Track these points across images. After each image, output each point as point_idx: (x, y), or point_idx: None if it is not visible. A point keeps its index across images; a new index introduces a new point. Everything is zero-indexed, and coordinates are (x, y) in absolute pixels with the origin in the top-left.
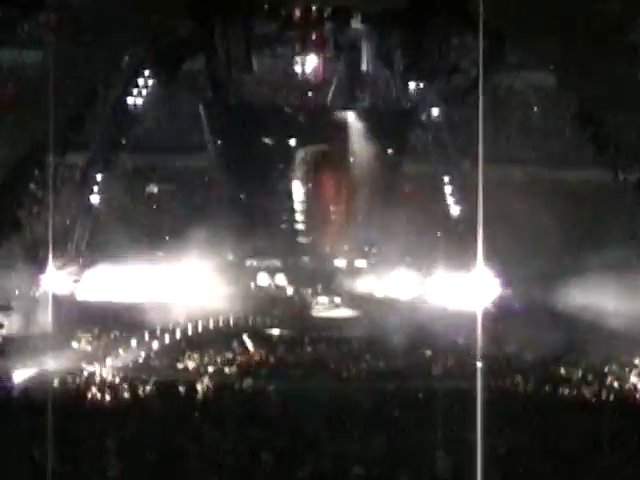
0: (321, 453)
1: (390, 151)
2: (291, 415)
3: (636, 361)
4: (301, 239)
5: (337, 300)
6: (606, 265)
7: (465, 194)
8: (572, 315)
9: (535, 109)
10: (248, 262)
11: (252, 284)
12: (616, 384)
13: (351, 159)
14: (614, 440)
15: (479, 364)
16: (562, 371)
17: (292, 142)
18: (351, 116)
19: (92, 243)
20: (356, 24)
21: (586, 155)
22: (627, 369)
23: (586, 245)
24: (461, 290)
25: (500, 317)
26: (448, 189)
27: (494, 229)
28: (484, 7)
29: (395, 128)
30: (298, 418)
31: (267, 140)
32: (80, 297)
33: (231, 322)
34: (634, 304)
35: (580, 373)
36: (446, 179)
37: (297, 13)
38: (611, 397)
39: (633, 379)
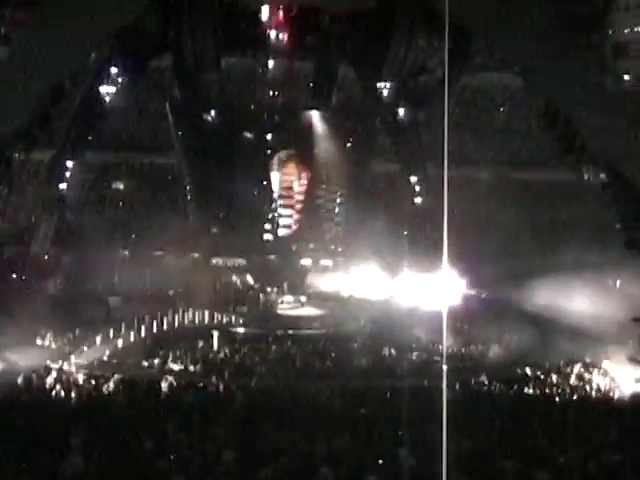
0: (287, 450)
1: (357, 150)
2: (256, 412)
3: (600, 361)
4: (267, 238)
5: (302, 298)
6: (571, 264)
7: (432, 193)
8: (537, 314)
9: (502, 110)
10: (214, 260)
11: (218, 282)
12: (580, 383)
13: (318, 159)
14: (577, 437)
15: (444, 364)
16: (527, 371)
17: (259, 141)
18: (319, 115)
19: (58, 239)
20: (324, 25)
21: (552, 155)
22: (591, 369)
23: (551, 244)
24: (427, 289)
25: (466, 316)
26: (416, 188)
27: (461, 228)
28: (450, 9)
29: (363, 128)
30: (263, 415)
31: (234, 139)
32: (46, 294)
33: (197, 320)
34: (598, 303)
35: (544, 373)
36: (413, 179)
37: (266, 13)
38: (575, 396)
39: (597, 379)
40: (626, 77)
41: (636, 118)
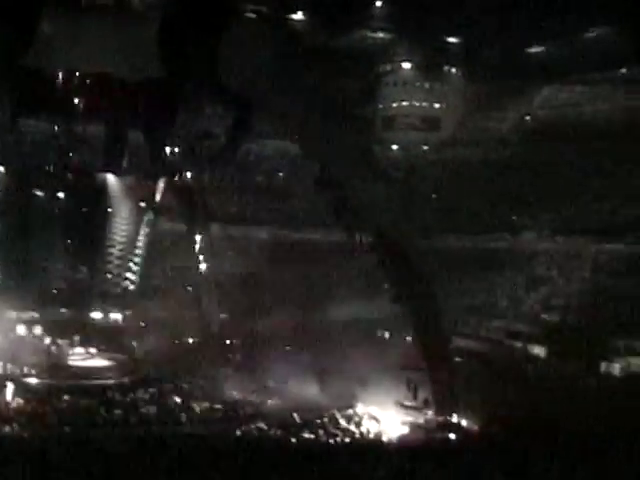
0: None
1: (146, 210)
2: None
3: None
4: (57, 291)
5: (92, 350)
6: (344, 317)
7: (216, 251)
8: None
9: (280, 174)
10: (7, 314)
11: (11, 335)
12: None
13: (110, 216)
14: None
15: None
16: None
17: (56, 199)
18: (110, 178)
19: None
20: (117, 91)
21: (326, 217)
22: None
23: (325, 299)
24: None
25: None
26: (197, 247)
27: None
28: (235, 81)
29: (151, 189)
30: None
31: (30, 197)
32: None
33: None
34: (369, 354)
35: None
36: (197, 238)
37: (60, 79)
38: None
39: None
40: (394, 147)
41: (401, 185)
